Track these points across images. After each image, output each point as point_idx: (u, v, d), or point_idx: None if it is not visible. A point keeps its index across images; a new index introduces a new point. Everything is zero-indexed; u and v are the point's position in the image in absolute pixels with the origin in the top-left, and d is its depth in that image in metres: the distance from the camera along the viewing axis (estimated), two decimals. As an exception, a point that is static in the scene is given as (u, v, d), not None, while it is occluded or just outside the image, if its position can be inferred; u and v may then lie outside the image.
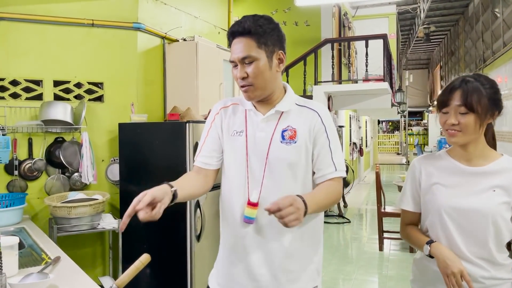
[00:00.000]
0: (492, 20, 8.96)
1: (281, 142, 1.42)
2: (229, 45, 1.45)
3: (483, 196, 1.40)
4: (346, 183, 7.38)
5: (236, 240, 1.47)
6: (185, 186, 1.39)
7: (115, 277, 3.26)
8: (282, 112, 1.45)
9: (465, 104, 1.37)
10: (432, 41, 15.20)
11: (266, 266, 1.42)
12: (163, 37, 3.76)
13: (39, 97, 3.16)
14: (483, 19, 9.86)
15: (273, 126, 1.44)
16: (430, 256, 1.45)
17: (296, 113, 1.46)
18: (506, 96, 7.45)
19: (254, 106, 1.48)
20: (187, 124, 2.89)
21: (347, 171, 7.39)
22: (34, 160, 3.10)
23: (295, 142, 1.41)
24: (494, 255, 1.41)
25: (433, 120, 17.95)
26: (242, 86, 1.42)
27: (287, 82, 6.33)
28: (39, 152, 3.15)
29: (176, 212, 2.92)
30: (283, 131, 1.43)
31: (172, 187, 1.31)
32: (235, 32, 1.40)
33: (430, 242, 1.45)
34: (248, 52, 1.37)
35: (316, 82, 6.64)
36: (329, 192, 1.41)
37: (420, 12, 11.04)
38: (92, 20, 3.30)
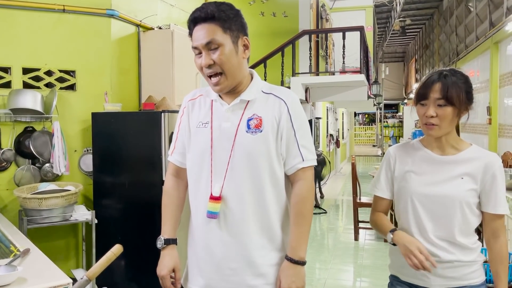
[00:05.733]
0: (465, 14, 9.15)
1: (246, 131, 1.37)
2: (190, 34, 1.39)
3: (452, 184, 1.47)
4: (320, 177, 7.37)
5: (201, 235, 1.42)
6: (176, 225, 1.52)
7: (88, 269, 3.20)
8: (248, 101, 1.40)
9: (445, 97, 1.42)
10: (407, 34, 15.45)
11: (234, 261, 1.38)
12: (137, 25, 3.67)
13: (7, 85, 3.05)
14: (457, 13, 10.05)
15: (239, 116, 1.39)
16: (393, 244, 1.49)
17: (262, 101, 1.41)
18: (478, 89, 7.64)
19: (220, 96, 1.43)
20: (163, 113, 2.84)
21: (324, 163, 7.48)
22: (2, 150, 3.00)
23: (261, 131, 1.36)
24: (460, 239, 1.46)
25: (408, 112, 18.27)
26: (210, 77, 1.37)
27: (265, 73, 6.32)
28: (7, 142, 3.04)
29: (150, 203, 2.89)
30: (249, 120, 1.38)
31: (174, 241, 1.49)
32: (197, 18, 1.34)
33: (393, 231, 1.50)
34: (213, 36, 1.32)
35: (294, 74, 6.64)
36: (302, 214, 1.39)
37: (396, 5, 11.18)
38: (63, 5, 3.19)
